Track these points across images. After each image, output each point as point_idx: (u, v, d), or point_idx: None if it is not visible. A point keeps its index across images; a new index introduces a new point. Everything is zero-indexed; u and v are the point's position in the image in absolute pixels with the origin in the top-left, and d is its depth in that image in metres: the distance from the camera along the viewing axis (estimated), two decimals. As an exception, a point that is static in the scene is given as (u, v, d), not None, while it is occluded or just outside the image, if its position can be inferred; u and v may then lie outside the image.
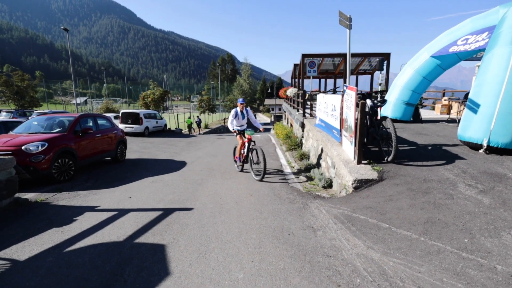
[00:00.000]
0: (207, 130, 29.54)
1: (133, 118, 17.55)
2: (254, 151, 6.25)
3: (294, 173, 6.71)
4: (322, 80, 23.47)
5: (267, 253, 2.75)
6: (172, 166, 8.14)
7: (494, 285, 1.95)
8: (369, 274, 2.24)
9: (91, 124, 7.60)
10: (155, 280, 2.39)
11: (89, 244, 3.10)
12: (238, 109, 6.64)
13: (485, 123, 5.01)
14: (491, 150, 5.02)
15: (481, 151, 5.09)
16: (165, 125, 22.09)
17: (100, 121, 8.09)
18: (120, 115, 18.14)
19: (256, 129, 7.05)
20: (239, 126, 6.74)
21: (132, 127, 17.34)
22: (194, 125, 27.52)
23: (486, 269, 2.12)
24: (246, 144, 6.38)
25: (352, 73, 20.96)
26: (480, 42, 6.70)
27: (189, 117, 27.71)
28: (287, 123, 19.69)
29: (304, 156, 8.19)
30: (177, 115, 28.57)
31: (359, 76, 22.16)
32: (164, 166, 8.16)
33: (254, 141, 6.38)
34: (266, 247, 2.87)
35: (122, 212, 4.10)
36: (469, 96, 5.49)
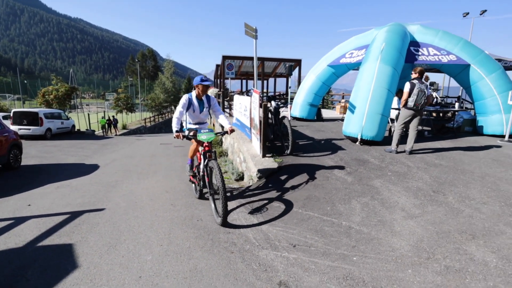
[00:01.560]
0: (125, 131, 27.47)
1: (30, 119, 15.16)
2: (212, 170, 3.62)
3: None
4: (244, 81, 24.57)
5: (175, 237, 3.09)
6: (83, 170, 7.59)
7: (337, 234, 2.77)
8: (256, 241, 2.83)
9: (-28, 125, 6.49)
10: (62, 274, 2.48)
11: (-21, 253, 2.89)
12: (194, 95, 3.95)
13: (359, 121, 6.37)
14: (364, 142, 6.43)
15: (357, 143, 6.45)
16: (73, 126, 19.73)
17: (-15, 122, 6.96)
18: (11, 114, 15.43)
19: (222, 129, 4.11)
20: (195, 125, 4.13)
21: (29, 129, 14.99)
22: (111, 127, 25.28)
23: (336, 225, 2.95)
24: (202, 157, 3.84)
25: (270, 75, 22.60)
26: (360, 57, 8.33)
27: (103, 117, 25.28)
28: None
29: (222, 154, 8.70)
30: (89, 114, 25.68)
31: (277, 79, 24.03)
32: (73, 170, 7.54)
33: (214, 152, 3.76)
34: (175, 233, 3.22)
35: (19, 221, 3.82)
36: (350, 100, 6.87)
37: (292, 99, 11.61)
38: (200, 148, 3.88)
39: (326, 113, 14.24)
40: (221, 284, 2.26)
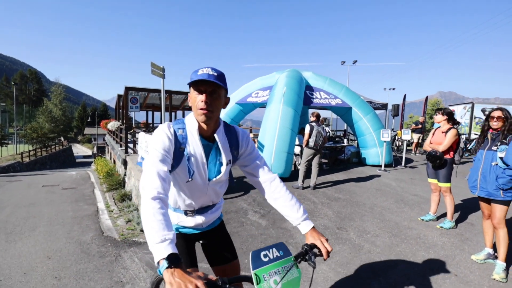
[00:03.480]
0: (-11, 170, 21.54)
1: None
2: None
3: (112, 218, 6.15)
4: (150, 113, 23.24)
5: (57, 333, 2.38)
6: None
7: None
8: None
9: None
10: None
11: None
12: (191, 125, 1.33)
13: (268, 160, 6.70)
14: (274, 178, 6.75)
15: (268, 180, 6.73)
16: None
17: None
18: None
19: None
20: (193, 214, 1.47)
21: None
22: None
23: (255, 282, 2.84)
24: None
25: (178, 108, 22.17)
26: (265, 97, 9.02)
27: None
28: (111, 158, 17.79)
29: (125, 197, 7.67)
30: None
31: (186, 112, 23.69)
32: None
33: None
34: (57, 325, 2.48)
35: None
36: (258, 139, 7.23)
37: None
38: None
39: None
40: None
